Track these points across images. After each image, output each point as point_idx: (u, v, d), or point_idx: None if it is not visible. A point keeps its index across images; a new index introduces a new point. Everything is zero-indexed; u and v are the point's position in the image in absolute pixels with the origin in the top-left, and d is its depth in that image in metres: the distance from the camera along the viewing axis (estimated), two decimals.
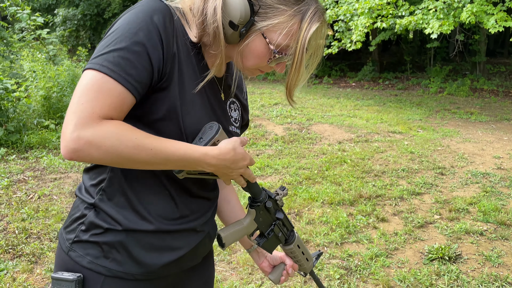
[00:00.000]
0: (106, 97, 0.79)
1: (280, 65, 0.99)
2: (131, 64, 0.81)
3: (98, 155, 0.78)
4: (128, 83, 0.80)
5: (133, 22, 0.83)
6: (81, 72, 0.85)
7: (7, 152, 5.21)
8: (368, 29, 6.66)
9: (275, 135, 6.32)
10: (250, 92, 10.81)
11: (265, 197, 1.09)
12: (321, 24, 0.93)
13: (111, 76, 0.79)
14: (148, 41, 0.83)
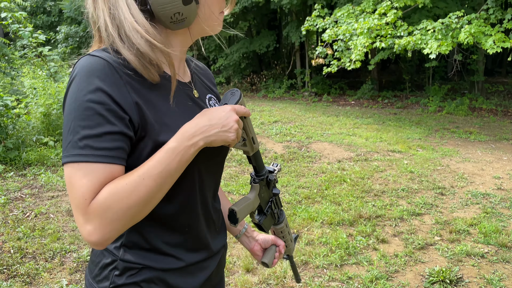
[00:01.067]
0: (84, 180, 0.77)
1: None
2: (97, 134, 0.78)
3: (118, 226, 0.78)
4: (100, 157, 0.78)
5: (79, 93, 0.79)
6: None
7: (5, 169, 5.19)
8: (367, 49, 6.72)
9: (274, 153, 6.31)
10: (250, 109, 10.82)
11: (267, 171, 1.11)
12: None
13: (82, 160, 0.77)
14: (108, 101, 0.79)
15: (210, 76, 1.19)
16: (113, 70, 0.81)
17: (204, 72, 1.17)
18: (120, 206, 0.77)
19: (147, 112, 0.84)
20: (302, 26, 9.07)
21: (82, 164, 0.77)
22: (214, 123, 0.85)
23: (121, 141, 0.80)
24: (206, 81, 1.14)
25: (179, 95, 0.95)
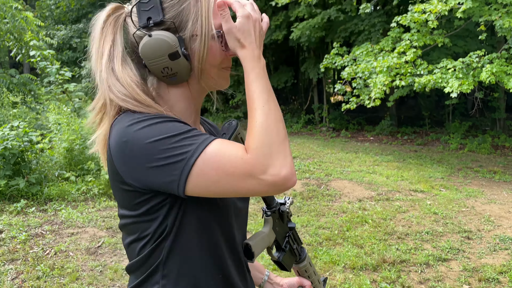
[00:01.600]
0: (228, 147, 0.81)
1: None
2: (197, 131, 0.83)
3: (284, 148, 0.82)
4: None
5: (160, 126, 0.83)
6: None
7: (27, 204, 5.25)
8: (387, 87, 6.73)
9: (293, 190, 6.25)
10: None
11: (278, 204, 1.10)
12: None
13: (206, 145, 0.81)
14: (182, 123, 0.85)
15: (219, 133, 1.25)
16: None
17: (216, 130, 1.21)
18: (271, 132, 0.81)
19: None
20: (321, 64, 9.18)
21: (218, 141, 0.82)
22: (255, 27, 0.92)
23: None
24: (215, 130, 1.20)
25: None
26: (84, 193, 5.69)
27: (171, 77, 0.92)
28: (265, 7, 13.03)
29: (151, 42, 0.88)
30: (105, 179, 5.77)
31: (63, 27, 19.17)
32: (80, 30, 18.64)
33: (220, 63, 0.96)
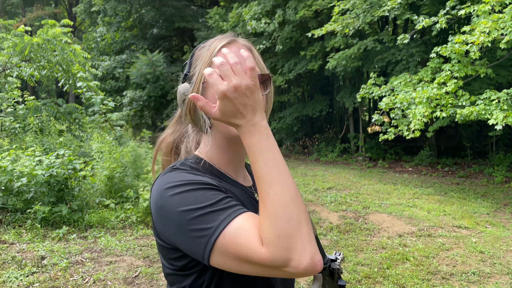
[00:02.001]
0: (247, 227, 0.80)
1: None
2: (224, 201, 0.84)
3: (305, 228, 0.78)
4: (241, 210, 0.84)
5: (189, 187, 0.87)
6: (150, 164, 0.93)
7: (69, 230, 5.40)
8: (426, 119, 6.57)
9: (329, 223, 6.12)
10: (302, 173, 10.77)
11: (328, 260, 1.07)
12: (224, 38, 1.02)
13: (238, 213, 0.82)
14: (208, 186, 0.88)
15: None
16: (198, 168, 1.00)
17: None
18: (287, 213, 0.77)
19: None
20: (357, 94, 9.12)
21: (243, 216, 0.82)
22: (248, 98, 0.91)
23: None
24: None
25: (245, 197, 1.02)
26: (123, 220, 5.80)
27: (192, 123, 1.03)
28: (300, 38, 13.21)
29: (176, 92, 1.03)
30: (143, 207, 5.87)
31: (107, 58, 20.12)
32: (123, 60, 19.50)
33: None
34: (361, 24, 9.51)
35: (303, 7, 12.26)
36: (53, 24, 8.52)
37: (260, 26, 12.88)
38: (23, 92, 9.86)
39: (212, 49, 0.99)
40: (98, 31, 21.06)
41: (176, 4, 19.55)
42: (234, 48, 0.99)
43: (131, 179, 6.67)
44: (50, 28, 8.40)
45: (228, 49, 0.91)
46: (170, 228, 0.85)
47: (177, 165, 0.96)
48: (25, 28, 8.50)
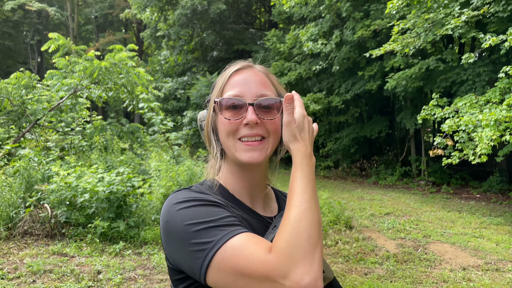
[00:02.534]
0: (251, 242, 0.81)
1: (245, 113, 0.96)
2: (227, 220, 0.86)
3: (314, 254, 0.79)
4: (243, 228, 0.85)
5: (194, 203, 0.90)
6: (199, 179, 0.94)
7: (125, 246, 5.59)
8: (494, 142, 6.10)
9: (386, 251, 5.81)
10: (359, 196, 10.42)
11: None
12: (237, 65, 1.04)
13: (238, 232, 0.83)
14: (214, 204, 0.91)
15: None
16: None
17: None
18: (300, 238, 0.77)
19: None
20: (418, 115, 8.73)
21: (242, 235, 0.82)
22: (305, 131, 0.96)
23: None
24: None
25: (258, 225, 1.00)
26: None
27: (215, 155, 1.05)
28: (358, 58, 13.00)
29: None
30: None
31: (170, 80, 21.07)
32: (184, 82, 20.32)
33: (230, 133, 0.97)
34: (422, 43, 9.16)
35: (361, 27, 12.09)
36: (120, 49, 9.08)
37: (317, 47, 12.86)
38: (91, 112, 10.55)
39: (225, 76, 1.02)
40: (162, 54, 22.19)
41: (236, 28, 20.13)
42: (248, 73, 1.01)
43: None
44: (117, 53, 8.96)
45: (242, 73, 1.00)
46: (174, 242, 0.86)
47: (188, 187, 1.00)
48: (95, 53, 9.14)
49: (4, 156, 7.66)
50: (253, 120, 0.95)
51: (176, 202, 0.90)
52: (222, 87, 1.00)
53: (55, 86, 9.15)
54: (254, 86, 0.99)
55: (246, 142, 0.96)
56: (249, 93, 0.98)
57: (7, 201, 5.82)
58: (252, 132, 0.96)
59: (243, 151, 0.97)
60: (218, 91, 1.01)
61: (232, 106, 0.96)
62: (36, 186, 6.16)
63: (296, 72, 15.09)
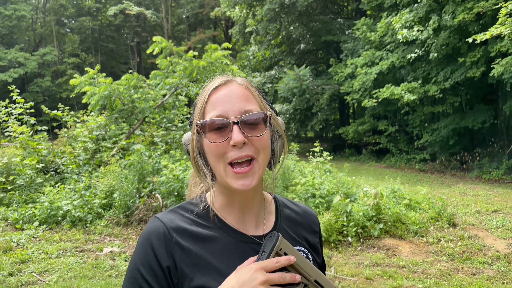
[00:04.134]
0: None
1: (228, 133, 0.91)
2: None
3: None
4: None
5: (134, 258, 0.95)
6: (297, 176, 0.95)
7: None
8: None
9: (496, 251, 5.44)
10: (461, 192, 9.79)
11: None
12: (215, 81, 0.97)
13: None
14: (148, 274, 0.90)
15: (311, 221, 1.12)
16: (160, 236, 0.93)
17: (302, 220, 1.10)
18: None
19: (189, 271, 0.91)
20: None
21: None
22: (239, 286, 0.83)
23: None
24: (302, 230, 1.08)
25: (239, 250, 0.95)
26: None
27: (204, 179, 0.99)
28: (459, 44, 12.13)
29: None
30: None
31: (258, 74, 21.55)
32: (272, 76, 20.65)
33: (218, 156, 0.92)
34: None
35: (462, 10, 11.24)
36: (216, 48, 9.55)
37: (412, 34, 12.24)
38: (190, 109, 11.27)
39: (205, 95, 0.96)
40: (250, 50, 22.75)
41: (323, 19, 19.90)
42: (229, 88, 0.96)
43: (281, 190, 7.01)
44: (213, 52, 9.44)
45: (222, 89, 0.96)
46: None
47: (177, 206, 1.02)
48: (193, 53, 9.72)
49: (119, 150, 8.54)
50: (240, 141, 0.89)
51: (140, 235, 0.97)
52: (202, 107, 0.94)
53: (158, 85, 9.93)
54: (237, 103, 0.92)
55: (236, 170, 0.91)
56: (232, 111, 0.91)
57: (125, 191, 6.51)
58: (241, 154, 0.90)
59: (234, 179, 0.91)
60: (199, 112, 0.95)
61: (216, 128, 0.91)
62: (148, 178, 6.80)
63: (388, 61, 14.53)
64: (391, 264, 5.00)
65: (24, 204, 6.82)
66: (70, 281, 4.25)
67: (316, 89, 18.72)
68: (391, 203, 6.45)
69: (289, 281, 0.85)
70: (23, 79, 36.32)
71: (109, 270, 4.60)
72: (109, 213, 6.50)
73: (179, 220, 0.96)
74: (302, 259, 0.90)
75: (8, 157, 7.64)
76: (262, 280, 0.82)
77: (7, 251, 5.11)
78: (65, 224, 6.16)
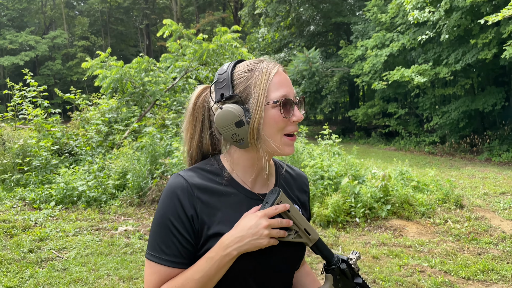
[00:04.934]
0: (152, 277, 1.05)
1: (293, 111, 1.07)
2: (165, 244, 1.05)
3: None
4: (164, 261, 1.04)
5: (161, 209, 1.07)
6: (306, 158, 1.05)
7: None
8: None
9: (502, 232, 5.52)
10: (470, 174, 9.83)
11: (338, 260, 1.10)
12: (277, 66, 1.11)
13: (152, 260, 1.05)
14: (176, 221, 1.05)
15: (302, 183, 1.29)
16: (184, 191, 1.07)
17: (295, 181, 1.27)
18: None
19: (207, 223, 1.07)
20: None
21: (153, 263, 1.05)
22: (245, 233, 1.00)
23: (186, 247, 1.05)
24: (295, 189, 1.25)
25: (247, 204, 1.11)
26: None
27: (240, 142, 1.09)
28: (471, 25, 11.96)
29: (221, 113, 1.06)
30: None
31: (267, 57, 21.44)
32: (281, 59, 20.57)
33: (281, 129, 1.07)
34: None
35: None
36: (225, 31, 9.56)
37: (423, 16, 12.10)
38: None
39: (269, 77, 1.08)
40: (259, 32, 22.61)
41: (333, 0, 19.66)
42: (284, 74, 1.11)
43: None
44: (222, 35, 9.46)
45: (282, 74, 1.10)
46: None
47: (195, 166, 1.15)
48: (203, 36, 9.75)
49: (131, 133, 8.70)
50: (302, 118, 1.08)
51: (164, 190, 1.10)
52: (266, 85, 1.06)
53: (168, 68, 10.01)
54: (291, 86, 1.10)
55: (291, 137, 1.08)
56: (291, 93, 1.08)
57: (137, 172, 6.67)
58: (297, 128, 1.09)
59: (287, 146, 1.08)
60: (263, 89, 1.06)
61: (287, 104, 1.06)
62: (160, 159, 6.95)
63: (399, 43, 14.39)
64: (397, 244, 5.11)
65: (41, 185, 7.03)
66: (88, 258, 4.44)
67: (325, 71, 18.63)
68: (399, 185, 6.53)
69: (285, 225, 1.05)
70: (34, 62, 36.60)
71: (124, 247, 4.79)
72: (123, 194, 6.68)
73: (198, 177, 1.11)
74: (295, 211, 1.08)
75: (24, 139, 7.84)
76: (266, 224, 1.01)
77: (26, 230, 5.32)
78: (80, 204, 6.36)
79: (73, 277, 3.96)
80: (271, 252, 1.07)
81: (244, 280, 1.07)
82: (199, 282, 1.02)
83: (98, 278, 3.97)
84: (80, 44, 37.03)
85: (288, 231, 1.07)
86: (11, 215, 5.88)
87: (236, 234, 1.01)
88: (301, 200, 1.26)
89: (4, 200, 6.64)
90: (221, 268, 1.01)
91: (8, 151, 7.73)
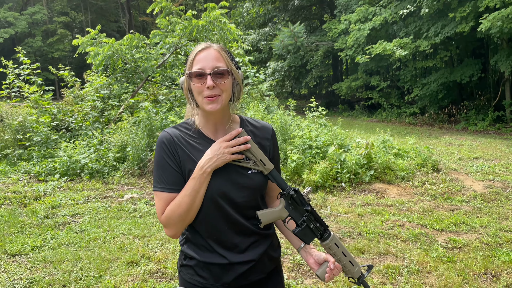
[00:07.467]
0: (159, 202, 1.46)
1: (206, 80, 1.40)
2: (164, 176, 1.45)
3: (177, 226, 1.45)
4: (165, 189, 1.45)
5: (157, 155, 1.49)
6: (295, 130, 1.48)
7: None
8: None
9: (473, 191, 6.13)
10: (447, 142, 10.46)
11: (290, 189, 1.43)
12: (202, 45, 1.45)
13: (157, 190, 1.46)
14: (167, 158, 1.46)
15: (265, 133, 1.60)
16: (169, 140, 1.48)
17: (259, 130, 1.60)
18: (174, 215, 1.42)
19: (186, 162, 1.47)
20: None
21: (158, 193, 1.45)
22: (212, 155, 1.41)
23: (177, 176, 1.45)
24: (258, 136, 1.57)
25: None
26: None
27: (188, 103, 1.51)
28: None
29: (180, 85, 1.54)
30: (291, 167, 6.71)
31: (252, 32, 21.59)
32: (266, 33, 20.72)
33: (199, 92, 1.42)
34: None
35: None
36: (213, 7, 9.78)
37: None
38: None
39: (192, 55, 1.46)
40: (244, 6, 22.63)
41: None
42: (207, 51, 1.45)
43: (280, 142, 7.58)
44: (211, 11, 9.68)
45: (204, 52, 1.45)
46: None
47: (178, 124, 1.57)
48: (193, 12, 9.95)
49: (126, 108, 8.99)
50: (211, 85, 1.39)
51: (157, 142, 1.52)
52: (191, 62, 1.45)
53: (158, 45, 10.21)
54: (211, 61, 1.41)
55: (208, 98, 1.41)
56: (208, 66, 1.40)
57: (137, 145, 7.04)
58: (211, 93, 1.40)
59: (206, 104, 1.42)
60: (189, 65, 1.45)
61: (198, 75, 1.41)
62: (157, 133, 7.31)
63: (381, 17, 14.75)
64: (380, 204, 5.67)
65: (44, 159, 7.35)
66: (101, 221, 4.87)
67: (310, 46, 18.94)
68: (381, 152, 7.06)
69: (242, 142, 1.43)
70: (13, 39, 35.75)
71: (133, 212, 5.22)
72: (124, 166, 7.06)
73: (178, 132, 1.52)
74: (253, 145, 1.44)
75: (23, 116, 8.08)
76: (226, 145, 1.42)
77: (37, 199, 5.70)
78: (84, 176, 6.73)
79: (91, 237, 4.39)
80: (237, 174, 1.44)
81: (217, 201, 1.44)
82: (190, 196, 1.40)
83: (114, 237, 4.41)
84: (60, 20, 36.22)
85: (247, 160, 1.44)
86: (20, 186, 6.23)
87: (206, 157, 1.41)
88: (262, 144, 1.56)
89: (9, 174, 6.96)
90: (202, 182, 1.40)
91: (7, 127, 7.97)
